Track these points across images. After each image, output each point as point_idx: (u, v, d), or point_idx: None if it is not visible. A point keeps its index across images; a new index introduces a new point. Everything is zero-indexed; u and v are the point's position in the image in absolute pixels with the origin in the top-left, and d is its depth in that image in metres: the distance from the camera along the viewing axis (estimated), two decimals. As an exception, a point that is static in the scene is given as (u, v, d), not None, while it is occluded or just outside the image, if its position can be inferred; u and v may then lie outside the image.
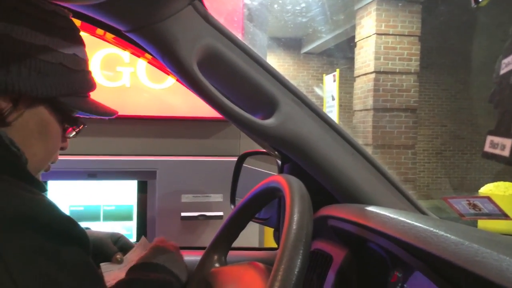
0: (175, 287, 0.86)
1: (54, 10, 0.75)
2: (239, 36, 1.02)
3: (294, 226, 0.57)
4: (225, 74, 0.94)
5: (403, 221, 0.64)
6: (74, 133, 0.81)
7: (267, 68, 0.96)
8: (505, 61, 0.54)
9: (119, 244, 1.07)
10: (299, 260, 0.53)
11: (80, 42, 0.80)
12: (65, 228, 0.60)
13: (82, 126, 0.82)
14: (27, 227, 0.55)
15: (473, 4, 0.54)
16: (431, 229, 0.57)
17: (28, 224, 0.56)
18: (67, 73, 0.74)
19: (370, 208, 0.78)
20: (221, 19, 0.94)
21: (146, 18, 0.83)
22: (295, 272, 0.52)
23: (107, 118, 0.85)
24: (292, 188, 0.65)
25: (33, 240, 0.55)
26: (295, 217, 0.58)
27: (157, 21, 0.83)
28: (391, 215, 0.69)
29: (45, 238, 0.56)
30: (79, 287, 0.58)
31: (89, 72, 0.81)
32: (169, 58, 0.87)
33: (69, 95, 0.75)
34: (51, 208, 0.60)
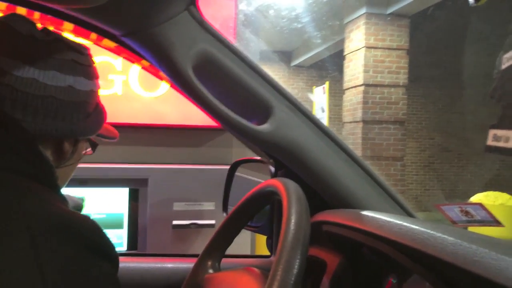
0: None
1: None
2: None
3: (292, 227, 0.57)
4: (220, 79, 0.94)
5: (400, 224, 0.64)
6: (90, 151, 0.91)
7: (262, 74, 0.96)
8: (507, 56, 0.55)
9: None
10: (298, 261, 0.53)
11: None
12: (102, 246, 0.64)
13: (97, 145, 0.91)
14: (67, 238, 0.59)
15: (471, 2, 0.55)
16: (428, 231, 0.58)
17: (69, 235, 0.59)
18: (99, 109, 0.84)
19: (366, 213, 0.78)
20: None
21: (142, 22, 0.83)
22: (294, 273, 0.52)
23: (113, 140, 0.98)
24: (288, 191, 0.65)
25: (70, 251, 0.58)
26: (293, 218, 0.58)
27: (153, 25, 0.84)
28: (388, 219, 0.69)
29: (81, 251, 0.59)
30: None
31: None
32: (165, 63, 0.87)
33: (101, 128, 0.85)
34: (95, 226, 0.64)
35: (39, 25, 0.75)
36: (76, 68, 0.75)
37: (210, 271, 0.86)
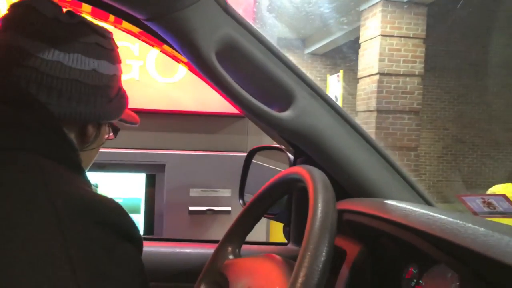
0: None
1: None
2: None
3: (320, 215, 0.56)
4: (242, 65, 0.93)
5: (427, 214, 0.63)
6: (112, 135, 0.92)
7: (285, 61, 0.96)
8: None
9: None
10: (326, 248, 0.53)
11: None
12: (126, 228, 0.64)
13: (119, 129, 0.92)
14: (92, 220, 0.59)
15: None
16: (458, 221, 0.57)
17: (93, 217, 0.59)
18: (121, 93, 0.84)
19: (390, 202, 0.78)
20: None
21: (166, 6, 0.83)
22: (322, 260, 0.52)
23: (134, 125, 0.99)
24: (314, 178, 0.64)
25: (95, 232, 0.59)
26: (320, 205, 0.58)
27: (176, 10, 0.83)
28: (413, 208, 0.68)
29: (106, 233, 0.60)
30: (128, 283, 0.61)
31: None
32: (188, 48, 0.87)
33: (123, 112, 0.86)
34: (119, 208, 0.65)
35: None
36: (100, 52, 0.75)
37: (231, 257, 0.87)
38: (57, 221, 0.56)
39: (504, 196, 0.95)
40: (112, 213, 0.63)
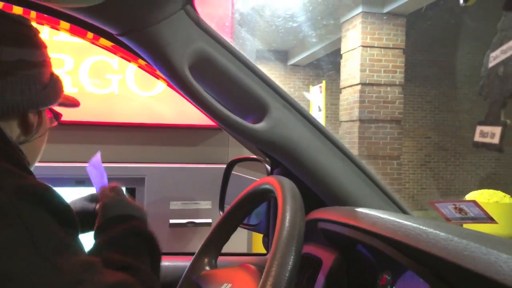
0: (143, 228, 0.95)
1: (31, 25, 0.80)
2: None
3: (287, 224, 0.57)
4: (216, 78, 0.94)
5: (393, 220, 0.65)
6: (55, 122, 0.89)
7: (258, 73, 0.97)
8: (493, 54, 0.56)
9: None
10: (292, 257, 0.54)
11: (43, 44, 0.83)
12: (65, 212, 0.66)
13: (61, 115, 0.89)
14: (40, 204, 0.61)
15: (461, 2, 0.56)
16: (421, 226, 0.59)
17: (41, 202, 0.61)
18: (55, 78, 0.82)
19: (360, 210, 0.79)
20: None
21: (138, 21, 0.84)
22: (288, 269, 0.53)
23: (74, 107, 0.94)
24: (284, 188, 0.65)
25: (43, 214, 0.61)
26: (288, 215, 0.59)
27: (149, 25, 0.84)
28: (381, 215, 0.70)
29: (51, 216, 0.62)
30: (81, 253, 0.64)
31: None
32: (161, 62, 0.88)
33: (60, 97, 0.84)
34: (56, 194, 0.66)
35: None
36: (23, 40, 0.74)
37: (207, 268, 0.87)
38: (12, 207, 0.57)
39: (474, 202, 0.97)
40: (53, 198, 0.64)
